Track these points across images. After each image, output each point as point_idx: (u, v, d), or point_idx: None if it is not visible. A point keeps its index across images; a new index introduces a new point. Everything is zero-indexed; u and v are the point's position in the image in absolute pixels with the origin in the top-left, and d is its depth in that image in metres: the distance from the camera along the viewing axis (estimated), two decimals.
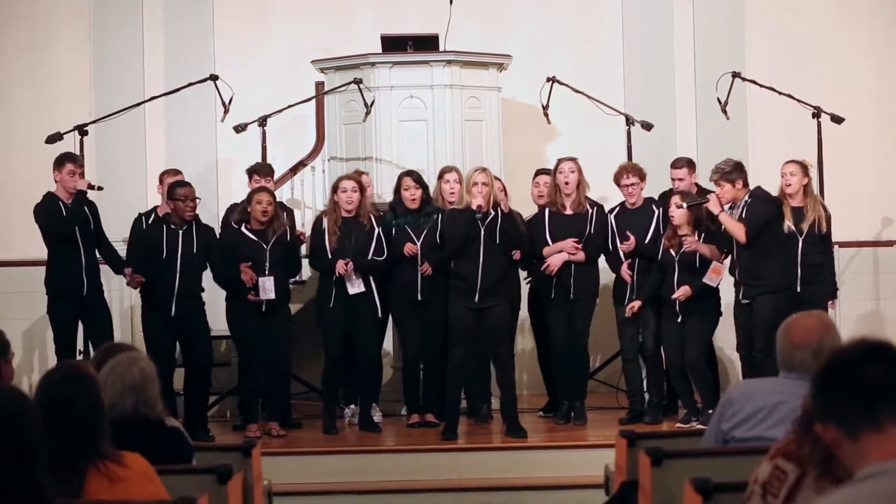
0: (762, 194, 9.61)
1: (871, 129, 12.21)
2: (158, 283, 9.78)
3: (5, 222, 12.03)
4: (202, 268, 9.95)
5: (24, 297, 11.52)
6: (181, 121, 12.20)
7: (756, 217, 9.44)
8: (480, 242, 9.53)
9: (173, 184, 10.05)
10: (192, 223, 9.86)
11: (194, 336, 9.90)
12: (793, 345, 4.92)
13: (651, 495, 5.35)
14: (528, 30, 12.40)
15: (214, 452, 6.37)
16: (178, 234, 9.81)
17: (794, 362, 4.92)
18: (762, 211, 9.48)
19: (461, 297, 9.60)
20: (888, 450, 2.73)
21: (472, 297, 9.56)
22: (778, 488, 3.48)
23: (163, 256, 9.76)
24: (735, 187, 9.50)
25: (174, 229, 9.82)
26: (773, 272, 9.43)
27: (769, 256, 9.46)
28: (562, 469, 9.12)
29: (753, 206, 9.49)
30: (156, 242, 9.80)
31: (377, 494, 9.08)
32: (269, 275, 9.75)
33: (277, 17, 12.55)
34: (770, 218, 9.51)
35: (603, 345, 10.91)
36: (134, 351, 5.43)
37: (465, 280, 9.57)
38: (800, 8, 12.41)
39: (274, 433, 9.84)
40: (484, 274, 9.52)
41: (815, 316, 5.08)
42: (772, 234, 9.51)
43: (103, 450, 4.44)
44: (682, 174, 10.36)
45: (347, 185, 9.96)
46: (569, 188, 10.01)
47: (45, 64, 12.34)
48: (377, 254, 9.97)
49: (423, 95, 10.74)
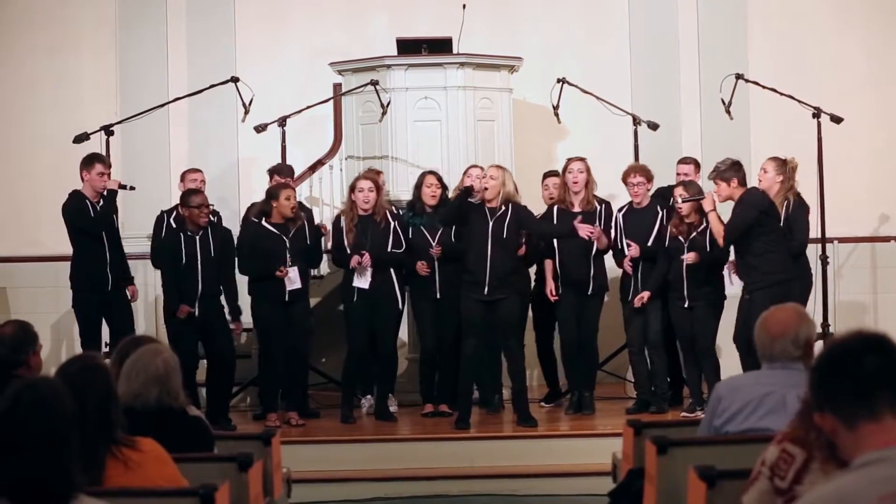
0: (748, 199, 9.48)
1: (869, 129, 12.33)
2: (183, 287, 9.94)
3: (34, 219, 12.20)
4: (222, 268, 10.07)
5: (52, 292, 11.68)
6: (204, 121, 12.34)
7: (735, 222, 9.42)
8: (488, 236, 9.66)
9: (186, 192, 10.21)
10: (207, 227, 10.03)
11: (217, 334, 10.04)
12: (772, 336, 5.06)
13: (657, 482, 5.37)
14: (539, 33, 12.49)
15: (235, 441, 6.50)
16: (195, 240, 9.98)
17: (775, 352, 5.06)
18: (741, 216, 9.40)
19: (471, 290, 9.74)
20: (884, 438, 2.77)
21: (481, 289, 9.69)
22: (785, 471, 3.53)
23: (183, 262, 9.93)
24: (730, 186, 9.47)
25: (191, 235, 9.99)
26: (765, 268, 9.38)
27: (762, 253, 9.40)
28: (571, 457, 9.25)
29: (735, 210, 9.48)
30: (175, 249, 9.97)
31: (393, 482, 9.18)
32: (291, 265, 9.93)
33: (296, 21, 12.66)
34: (749, 222, 9.38)
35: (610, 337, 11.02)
36: (156, 343, 5.43)
37: (474, 273, 9.70)
38: (800, 13, 12.54)
39: (293, 422, 9.97)
40: (492, 267, 9.65)
41: (789, 307, 5.19)
42: (762, 233, 9.42)
43: (117, 437, 4.53)
44: (687, 170, 10.54)
45: (364, 185, 10.12)
46: (577, 187, 10.15)
47: (72, 66, 12.52)
48: (396, 248, 10.15)
49: (437, 96, 10.88)
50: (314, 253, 10.33)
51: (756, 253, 9.43)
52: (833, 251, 10.57)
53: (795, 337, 5.06)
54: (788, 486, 3.52)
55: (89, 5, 12.54)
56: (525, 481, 9.19)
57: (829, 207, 10.31)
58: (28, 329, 6.27)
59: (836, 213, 10.30)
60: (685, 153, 11.21)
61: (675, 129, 12.21)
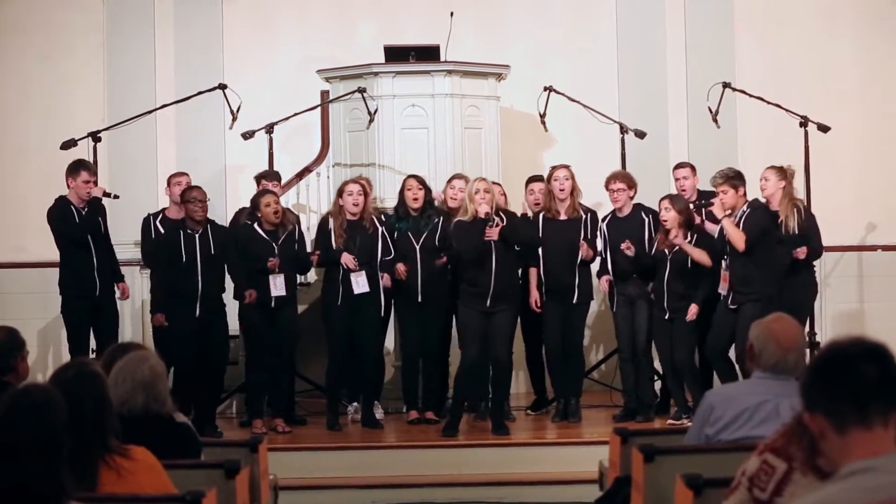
0: (761, 205, 9.63)
1: (856, 138, 12.36)
2: (182, 287, 9.90)
3: (21, 225, 12.14)
4: (222, 267, 10.06)
5: (39, 298, 11.64)
6: (191, 128, 12.33)
7: (755, 226, 9.45)
8: (493, 251, 9.67)
9: (186, 189, 10.22)
10: (206, 226, 10.02)
11: (214, 338, 10.00)
12: (784, 349, 5.06)
13: (644, 490, 5.38)
14: (526, 41, 12.52)
15: (222, 448, 6.47)
16: (195, 238, 9.95)
17: (789, 364, 5.06)
18: (760, 221, 9.50)
19: (472, 302, 9.74)
20: (873, 447, 2.77)
21: (483, 301, 9.70)
22: (765, 482, 3.50)
23: (183, 261, 9.89)
24: (737, 193, 9.53)
25: (191, 234, 9.96)
26: (762, 281, 9.42)
27: (761, 265, 9.46)
28: (557, 465, 9.23)
29: (752, 215, 9.50)
30: (174, 248, 9.93)
31: (379, 489, 9.16)
32: (278, 273, 9.93)
33: (284, 28, 12.67)
34: (767, 228, 9.52)
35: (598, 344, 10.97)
36: (143, 350, 5.45)
37: (478, 286, 9.71)
38: (788, 20, 12.58)
39: (279, 429, 9.97)
40: (496, 280, 9.67)
41: (787, 319, 5.19)
42: (766, 244, 9.51)
43: (111, 445, 4.52)
44: (685, 173, 10.54)
45: (353, 188, 10.13)
46: (563, 194, 10.15)
47: (60, 73, 12.50)
48: (385, 254, 10.16)
49: (424, 104, 10.90)
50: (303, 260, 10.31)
51: (757, 265, 9.45)
52: (820, 260, 10.55)
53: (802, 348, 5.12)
54: (769, 497, 3.50)
55: (78, 12, 12.52)
56: (512, 489, 9.17)
57: (816, 216, 10.30)
58: (15, 335, 6.27)
59: (823, 222, 10.25)
60: (672, 161, 11.25)
61: (663, 138, 12.23)
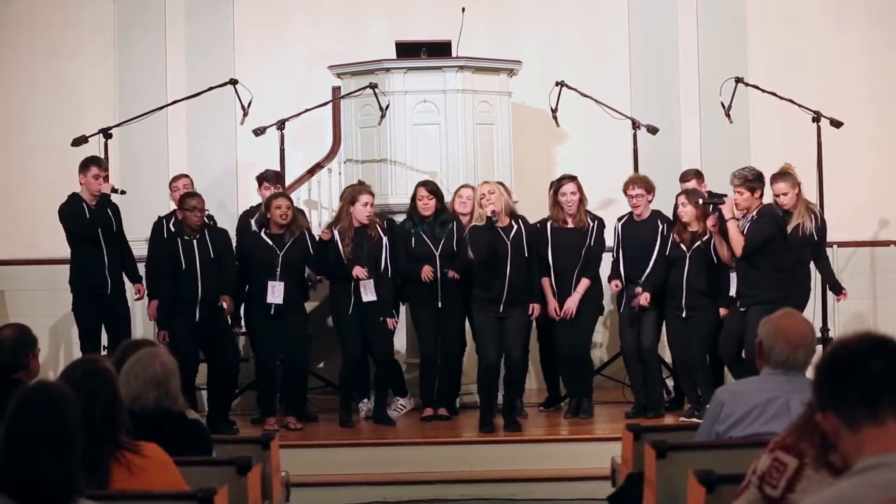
0: (769, 212, 9.49)
1: (868, 133, 12.35)
2: (182, 293, 9.92)
3: (32, 222, 12.17)
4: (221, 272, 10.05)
5: (50, 295, 11.68)
6: (202, 124, 12.33)
7: (756, 235, 9.34)
8: (508, 257, 9.76)
9: (184, 195, 10.19)
10: (204, 231, 10.03)
11: (219, 338, 10.04)
12: (793, 346, 5.07)
13: (656, 486, 5.42)
14: (538, 37, 12.51)
15: (234, 445, 6.52)
16: (192, 244, 9.97)
17: (798, 361, 5.08)
18: (764, 231, 9.36)
19: (486, 307, 9.87)
20: (886, 443, 2.74)
21: (497, 306, 9.83)
22: (777, 479, 3.50)
23: (182, 268, 9.91)
24: (753, 196, 9.41)
25: (188, 240, 9.98)
26: (766, 284, 9.33)
27: (764, 269, 9.37)
28: (570, 461, 9.24)
29: (758, 223, 9.38)
30: (174, 255, 9.95)
31: (391, 485, 9.19)
32: (279, 280, 9.95)
33: (295, 23, 12.67)
34: (770, 237, 9.38)
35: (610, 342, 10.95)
36: (155, 346, 5.47)
37: (492, 291, 9.82)
38: (799, 17, 12.56)
39: (291, 426, 9.98)
40: (510, 286, 9.79)
41: (794, 315, 5.22)
42: (772, 248, 9.41)
43: (122, 441, 4.56)
44: (692, 186, 10.44)
45: (367, 199, 10.14)
46: (572, 209, 10.19)
47: (71, 69, 12.52)
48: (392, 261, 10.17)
49: (436, 100, 10.87)
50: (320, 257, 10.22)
51: (760, 269, 9.39)
52: (833, 256, 10.56)
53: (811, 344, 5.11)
54: (781, 494, 3.49)
55: (88, 9, 12.53)
56: (524, 485, 9.19)
57: (829, 211, 10.32)
58: (27, 332, 6.33)
59: (835, 218, 10.30)
60: (685, 157, 11.25)
61: (675, 133, 12.23)
